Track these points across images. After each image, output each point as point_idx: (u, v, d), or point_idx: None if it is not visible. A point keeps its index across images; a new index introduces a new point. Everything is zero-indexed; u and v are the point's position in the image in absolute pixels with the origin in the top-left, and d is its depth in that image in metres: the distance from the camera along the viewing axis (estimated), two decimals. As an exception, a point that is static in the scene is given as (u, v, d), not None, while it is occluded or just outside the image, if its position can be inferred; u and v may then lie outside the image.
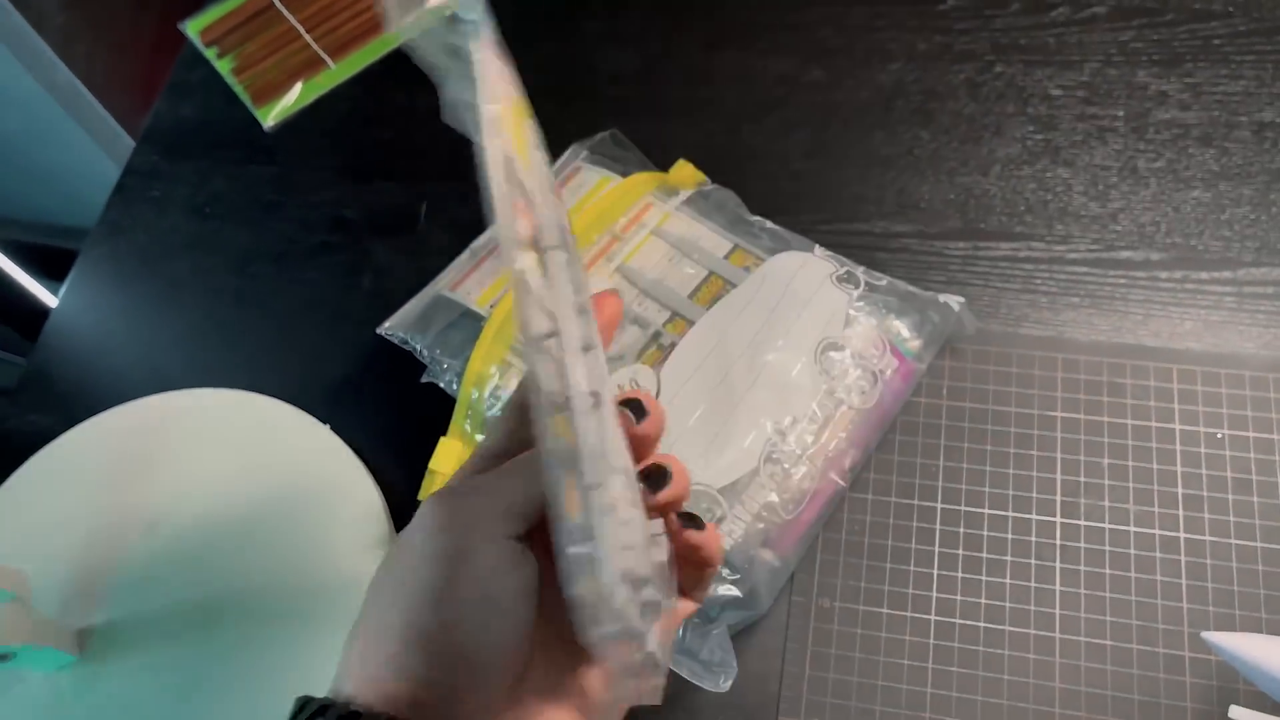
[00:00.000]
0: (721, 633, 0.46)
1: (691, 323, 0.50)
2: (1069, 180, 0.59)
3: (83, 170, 0.95)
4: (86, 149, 0.93)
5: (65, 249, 1.00)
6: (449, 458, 0.50)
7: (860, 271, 0.52)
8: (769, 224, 0.55)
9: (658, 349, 0.50)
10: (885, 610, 0.49)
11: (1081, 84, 0.61)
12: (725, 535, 0.45)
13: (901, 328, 0.51)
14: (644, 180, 0.56)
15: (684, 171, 0.59)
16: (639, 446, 0.31)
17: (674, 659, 0.44)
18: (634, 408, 0.31)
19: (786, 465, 0.47)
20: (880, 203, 0.59)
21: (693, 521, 0.31)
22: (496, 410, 0.50)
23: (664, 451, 0.32)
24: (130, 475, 0.55)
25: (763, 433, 0.47)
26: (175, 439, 0.56)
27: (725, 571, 0.46)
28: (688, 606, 0.34)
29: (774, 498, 0.46)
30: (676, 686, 0.46)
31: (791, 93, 0.64)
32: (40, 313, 0.92)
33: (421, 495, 0.51)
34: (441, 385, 0.52)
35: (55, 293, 0.95)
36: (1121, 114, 0.60)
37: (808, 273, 0.51)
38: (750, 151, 0.62)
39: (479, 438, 0.50)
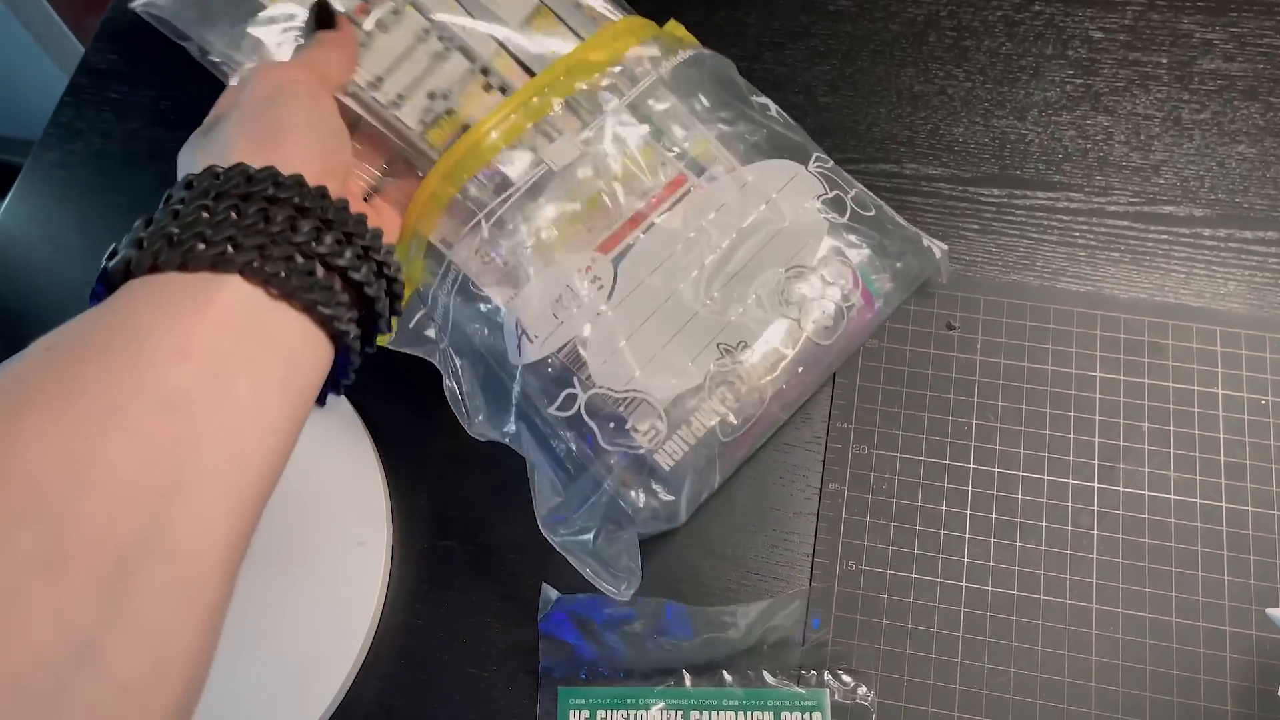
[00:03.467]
0: (631, 540, 0.43)
1: (525, 66, 0.45)
2: (1110, 129, 0.55)
3: (24, 76, 0.87)
4: (29, 52, 0.85)
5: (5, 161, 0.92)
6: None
7: (849, 198, 0.47)
8: (773, 109, 0.50)
9: (486, 86, 0.44)
10: (914, 575, 0.46)
11: (1124, 27, 0.58)
12: (666, 453, 0.42)
13: (875, 265, 0.47)
14: (637, 25, 0.48)
15: (677, 32, 0.51)
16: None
17: (581, 560, 0.42)
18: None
19: (733, 388, 0.43)
20: (911, 143, 0.56)
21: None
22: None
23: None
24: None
25: (713, 352, 0.43)
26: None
27: (656, 485, 0.43)
28: None
29: (715, 421, 0.43)
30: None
31: (817, 21, 0.60)
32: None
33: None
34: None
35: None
36: (1165, 61, 0.57)
37: (794, 189, 0.46)
38: (773, 82, 0.58)
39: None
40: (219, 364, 0.27)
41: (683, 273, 0.44)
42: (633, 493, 0.42)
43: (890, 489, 0.48)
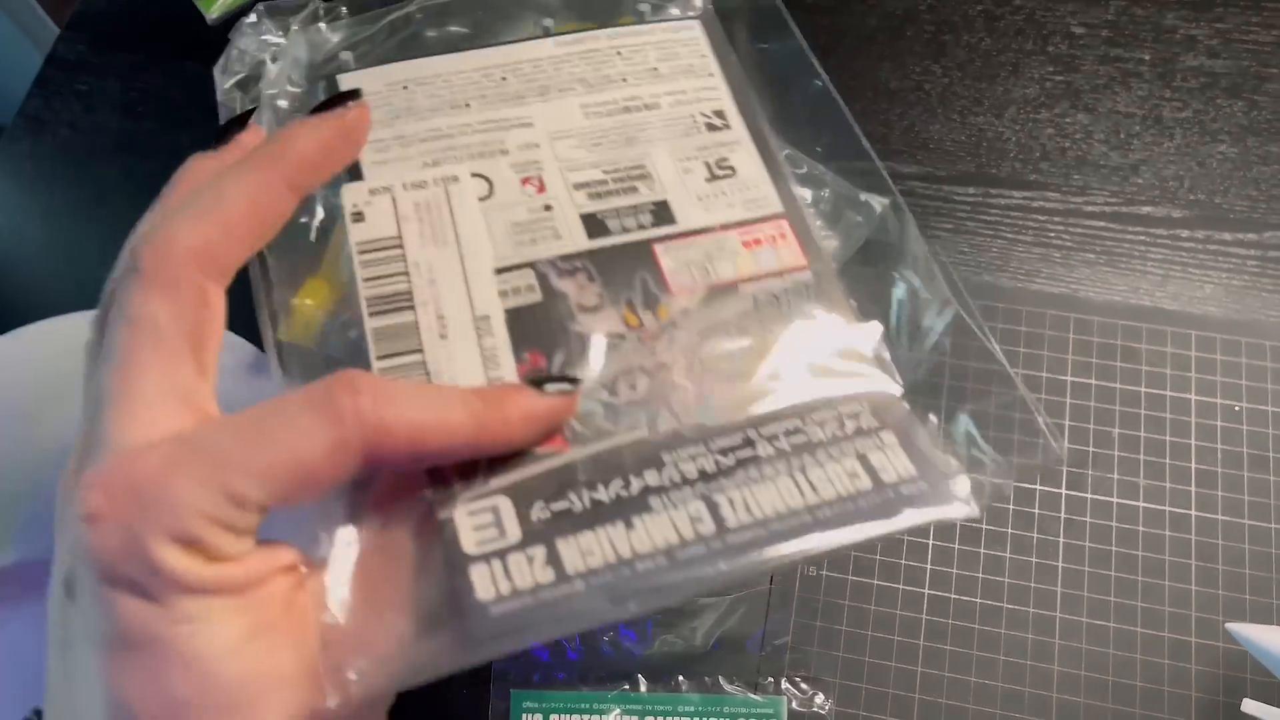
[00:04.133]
0: None
1: None
2: (1089, 127, 0.54)
3: (7, 62, 0.86)
4: (7, 35, 0.84)
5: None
6: (315, 298, 0.45)
7: (782, 155, 0.46)
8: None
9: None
10: (876, 581, 0.45)
11: (1106, 23, 0.57)
12: None
13: (815, 223, 0.47)
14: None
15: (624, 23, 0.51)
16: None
17: None
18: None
19: None
20: (886, 140, 0.55)
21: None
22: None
23: None
24: (50, 399, 0.49)
25: None
26: (98, 362, 0.50)
27: None
28: None
29: None
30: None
31: (793, 13, 0.59)
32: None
33: (282, 335, 0.46)
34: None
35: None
36: (1147, 58, 0.56)
37: None
38: (747, 77, 0.57)
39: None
40: None
41: None
42: None
43: (854, 493, 0.47)
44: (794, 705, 0.43)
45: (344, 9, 0.36)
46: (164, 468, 0.21)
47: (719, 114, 0.36)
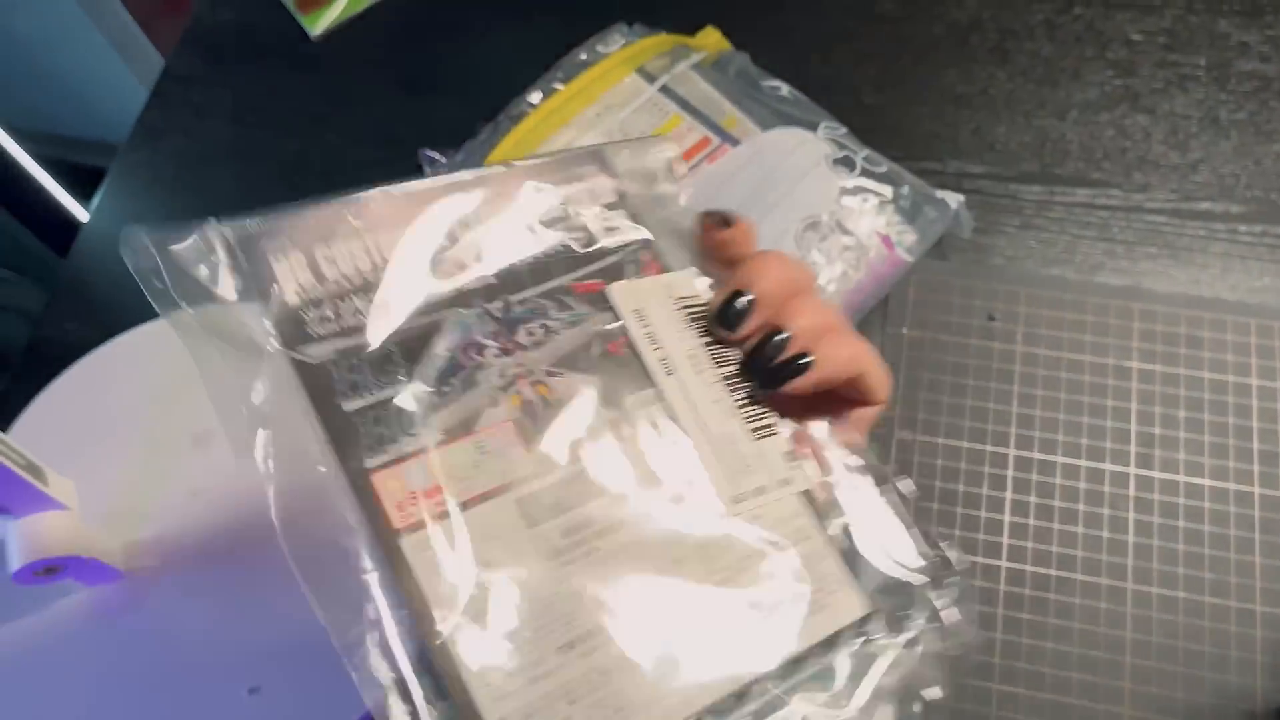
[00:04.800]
0: None
1: None
2: (1148, 128, 0.57)
3: (99, 79, 0.91)
4: (105, 56, 0.89)
5: (76, 161, 0.96)
6: None
7: (860, 157, 0.51)
8: (784, 90, 0.56)
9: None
10: (955, 554, 0.48)
11: (1162, 30, 0.60)
12: None
13: (890, 214, 0.51)
14: (659, 42, 0.56)
15: (710, 38, 0.59)
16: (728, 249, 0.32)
17: None
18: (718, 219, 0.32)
19: None
20: (954, 141, 0.58)
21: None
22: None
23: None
24: (176, 387, 0.53)
25: None
26: (221, 353, 0.54)
27: None
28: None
29: None
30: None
31: (862, 24, 0.62)
32: (63, 221, 0.89)
33: None
34: None
35: (80, 203, 0.92)
36: (1203, 63, 0.59)
37: (804, 152, 0.52)
38: (821, 84, 0.60)
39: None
40: None
41: None
42: None
43: (933, 473, 0.50)
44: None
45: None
46: None
47: None
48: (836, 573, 0.29)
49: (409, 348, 0.28)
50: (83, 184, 0.97)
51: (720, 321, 0.31)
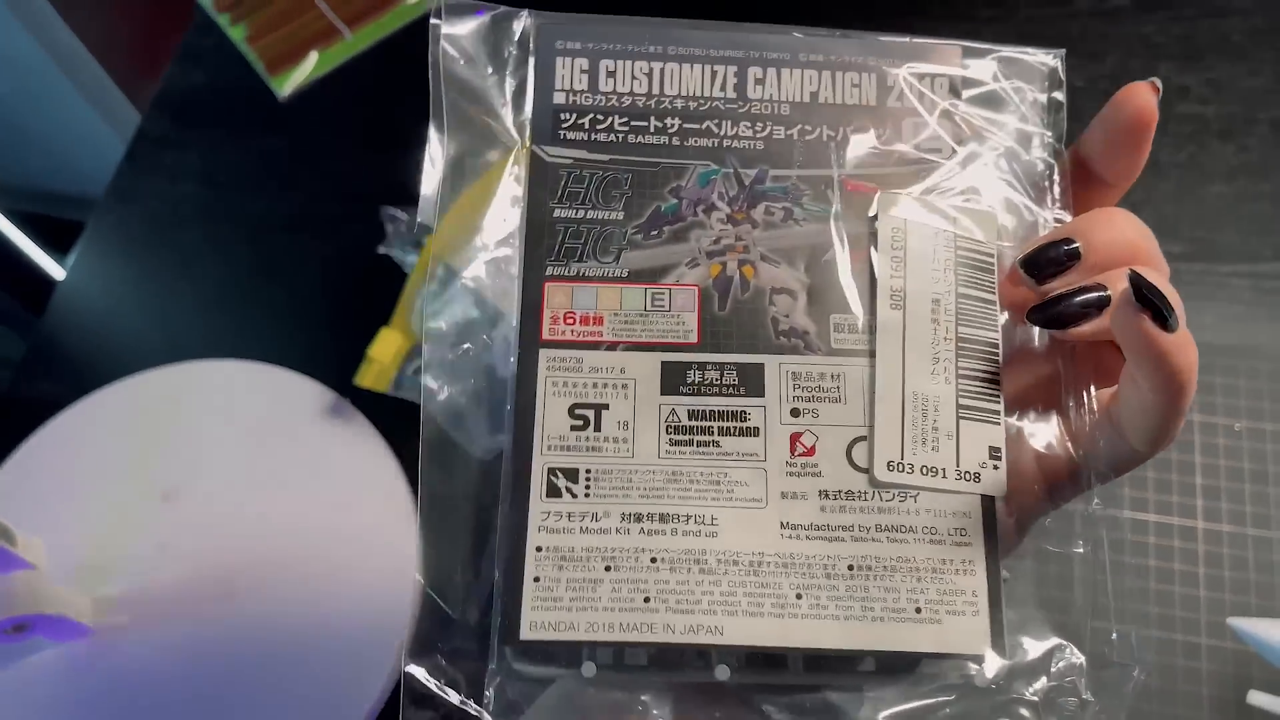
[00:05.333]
0: None
1: None
2: (1090, 171, 0.59)
3: (78, 136, 0.93)
4: (83, 114, 0.91)
5: (58, 217, 0.98)
6: (388, 347, 0.51)
7: None
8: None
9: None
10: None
11: (1103, 75, 0.62)
12: None
13: None
14: None
15: None
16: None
17: None
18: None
19: None
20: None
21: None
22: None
23: None
24: (145, 444, 0.54)
25: None
26: (190, 409, 0.55)
27: None
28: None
29: None
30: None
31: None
32: (38, 280, 0.90)
33: (357, 380, 0.52)
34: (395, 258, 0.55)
35: (56, 260, 0.93)
36: (1143, 106, 0.60)
37: None
38: None
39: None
40: None
41: None
42: None
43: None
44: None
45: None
46: None
47: None
48: (976, 591, 0.26)
49: (641, 180, 0.28)
50: (58, 236, 0.98)
51: (1028, 267, 0.26)
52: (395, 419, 0.54)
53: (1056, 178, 0.30)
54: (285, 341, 0.58)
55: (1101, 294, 0.26)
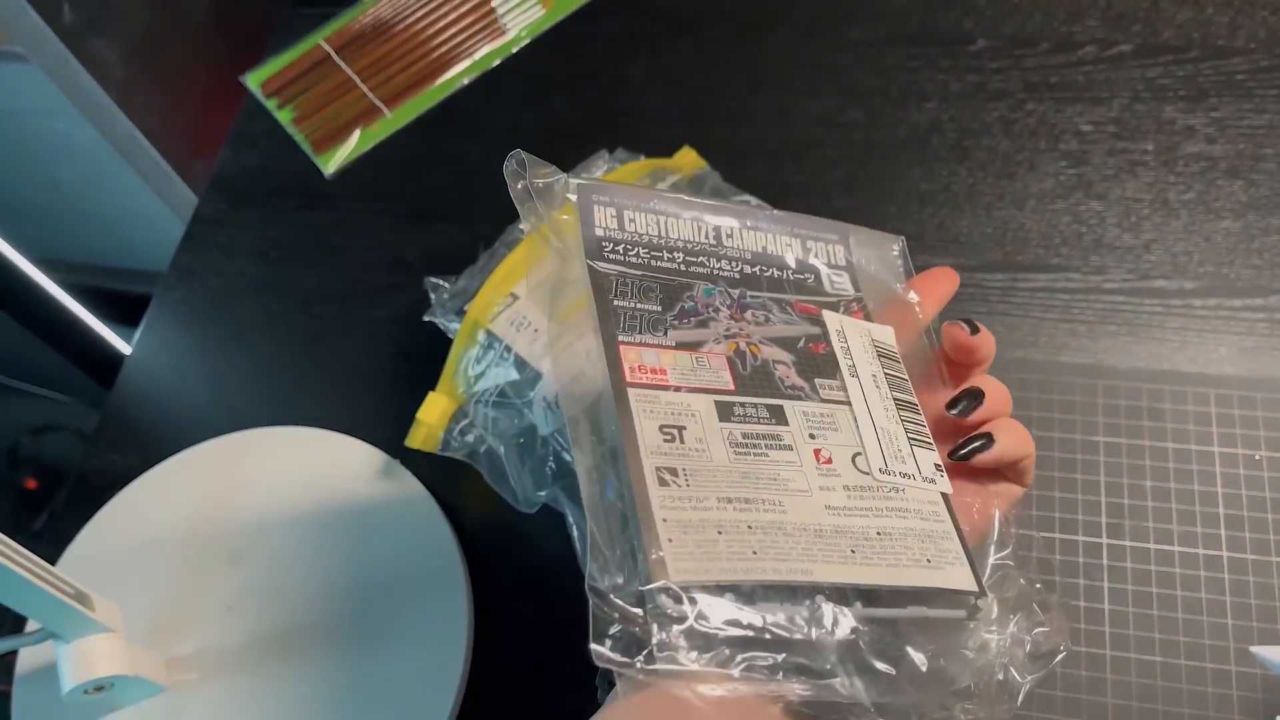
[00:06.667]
0: None
1: None
2: (1102, 213, 0.61)
3: (138, 216, 0.98)
4: (142, 195, 0.96)
5: (123, 291, 1.03)
6: (434, 410, 0.55)
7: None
8: (754, 201, 0.60)
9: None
10: (940, 630, 0.51)
11: (1111, 119, 0.64)
12: None
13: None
14: (640, 166, 0.62)
15: (686, 157, 0.64)
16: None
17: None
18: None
19: None
20: (921, 237, 0.62)
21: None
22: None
23: None
24: (211, 509, 0.58)
25: None
26: (251, 475, 0.59)
27: None
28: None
29: None
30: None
31: (830, 132, 0.67)
32: (108, 355, 0.95)
33: (408, 442, 0.55)
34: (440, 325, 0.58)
35: (121, 335, 0.98)
36: (1151, 148, 0.62)
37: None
38: (794, 189, 0.65)
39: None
40: None
41: None
42: None
43: (914, 553, 0.53)
44: None
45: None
46: None
47: None
48: (957, 551, 0.36)
49: (666, 288, 0.39)
50: (124, 309, 1.03)
51: (953, 405, 0.39)
52: (445, 476, 0.57)
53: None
54: (338, 407, 0.61)
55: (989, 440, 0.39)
